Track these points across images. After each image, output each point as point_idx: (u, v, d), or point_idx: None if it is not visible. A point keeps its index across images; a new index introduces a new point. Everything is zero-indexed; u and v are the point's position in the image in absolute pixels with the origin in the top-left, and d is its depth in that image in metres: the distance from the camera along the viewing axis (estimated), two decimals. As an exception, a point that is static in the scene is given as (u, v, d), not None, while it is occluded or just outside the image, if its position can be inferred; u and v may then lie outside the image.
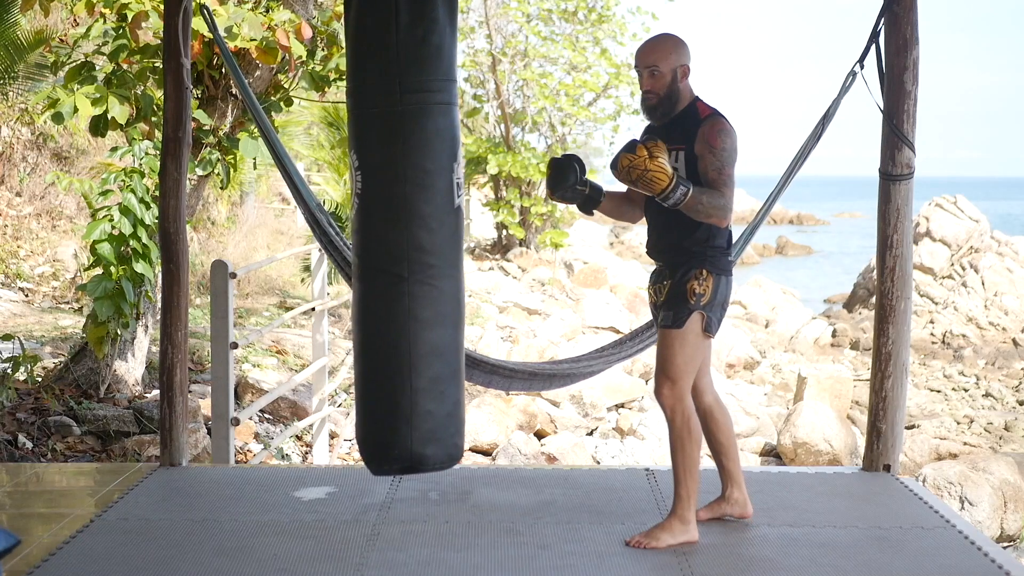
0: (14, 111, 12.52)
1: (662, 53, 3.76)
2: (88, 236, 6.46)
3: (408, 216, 3.22)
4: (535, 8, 20.34)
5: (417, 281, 3.22)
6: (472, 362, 5.07)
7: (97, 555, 3.72)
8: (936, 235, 21.76)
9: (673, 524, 3.78)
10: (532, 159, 19.99)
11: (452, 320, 3.29)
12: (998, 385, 15.53)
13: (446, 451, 3.31)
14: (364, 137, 3.29)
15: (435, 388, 3.25)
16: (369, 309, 3.29)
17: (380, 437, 3.29)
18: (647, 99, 3.78)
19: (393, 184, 3.24)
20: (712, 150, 3.68)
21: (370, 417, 3.31)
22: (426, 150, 3.24)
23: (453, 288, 3.29)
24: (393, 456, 3.28)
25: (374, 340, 3.28)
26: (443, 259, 3.26)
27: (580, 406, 9.86)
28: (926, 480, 8.18)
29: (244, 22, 6.14)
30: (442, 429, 3.28)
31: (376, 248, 3.27)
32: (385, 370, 3.27)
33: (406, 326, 3.22)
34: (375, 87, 3.24)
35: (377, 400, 3.29)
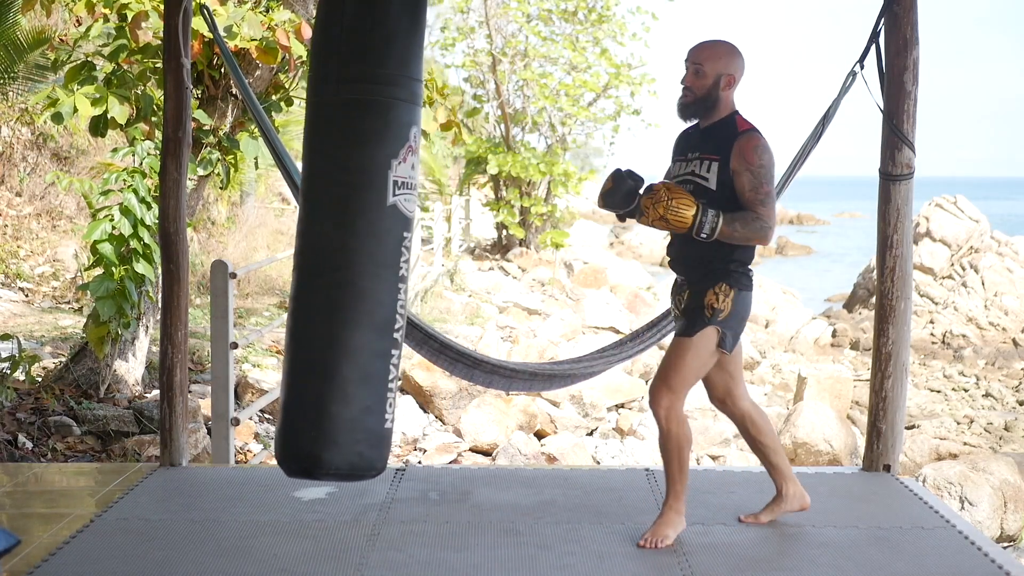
0: (14, 111, 12.52)
1: (712, 55, 3.71)
2: (89, 236, 6.47)
3: (333, 211, 3.16)
4: (535, 8, 20.34)
5: (336, 279, 3.15)
6: (473, 362, 5.07)
7: (97, 555, 3.72)
8: (936, 235, 21.76)
9: (672, 517, 3.82)
10: (532, 159, 20.00)
11: (372, 323, 3.16)
12: (998, 385, 15.54)
13: (346, 458, 3.15)
14: (306, 128, 3.27)
15: (340, 390, 3.13)
16: (295, 301, 3.23)
17: (286, 435, 3.20)
18: (683, 95, 3.74)
19: (323, 177, 3.19)
20: (749, 167, 3.63)
21: (283, 413, 3.22)
22: (357, 145, 3.16)
23: (378, 289, 3.17)
24: (292, 455, 3.19)
25: (295, 334, 3.21)
26: (367, 258, 3.15)
27: (580, 406, 9.86)
28: (926, 480, 8.18)
29: (244, 22, 6.14)
30: (343, 434, 3.13)
31: (305, 242, 3.22)
32: (300, 366, 3.20)
33: (323, 323, 3.15)
34: (319, 76, 3.21)
35: (290, 396, 3.21)
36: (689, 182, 3.74)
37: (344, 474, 3.17)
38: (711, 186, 3.68)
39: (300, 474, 3.20)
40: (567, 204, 21.60)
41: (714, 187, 3.68)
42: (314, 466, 3.15)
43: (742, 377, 3.97)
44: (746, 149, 3.64)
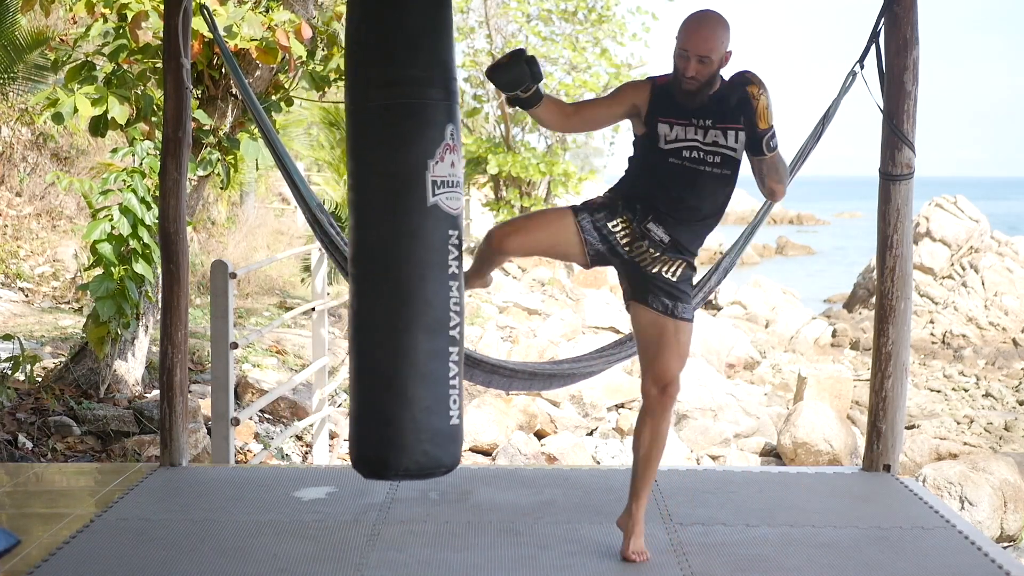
0: (14, 111, 12.52)
1: (716, 43, 3.56)
2: (88, 236, 6.46)
3: (375, 215, 3.20)
4: (535, 8, 20.35)
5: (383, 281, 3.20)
6: (472, 362, 5.06)
7: (97, 555, 3.72)
8: (936, 235, 21.76)
9: (641, 529, 3.71)
10: (532, 159, 20.00)
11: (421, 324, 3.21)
12: (998, 385, 15.54)
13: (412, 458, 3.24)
14: (347, 134, 3.30)
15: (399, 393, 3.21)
16: (352, 308, 3.28)
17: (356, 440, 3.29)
18: (688, 84, 3.59)
19: (362, 184, 3.23)
20: None
21: (354, 419, 3.29)
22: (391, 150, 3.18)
23: (423, 290, 3.20)
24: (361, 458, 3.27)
25: (357, 341, 3.27)
26: (413, 260, 3.20)
27: (580, 406, 9.86)
28: (926, 480, 8.18)
29: (244, 22, 6.14)
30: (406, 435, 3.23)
31: (352, 250, 3.27)
32: (362, 372, 3.25)
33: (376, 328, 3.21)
34: (350, 82, 3.24)
35: (356, 402, 3.27)
36: (716, 153, 3.61)
37: (413, 474, 3.25)
38: (738, 156, 3.62)
39: (373, 476, 3.30)
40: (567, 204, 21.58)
41: (739, 157, 3.63)
42: (383, 468, 3.24)
43: None
44: None
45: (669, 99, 3.68)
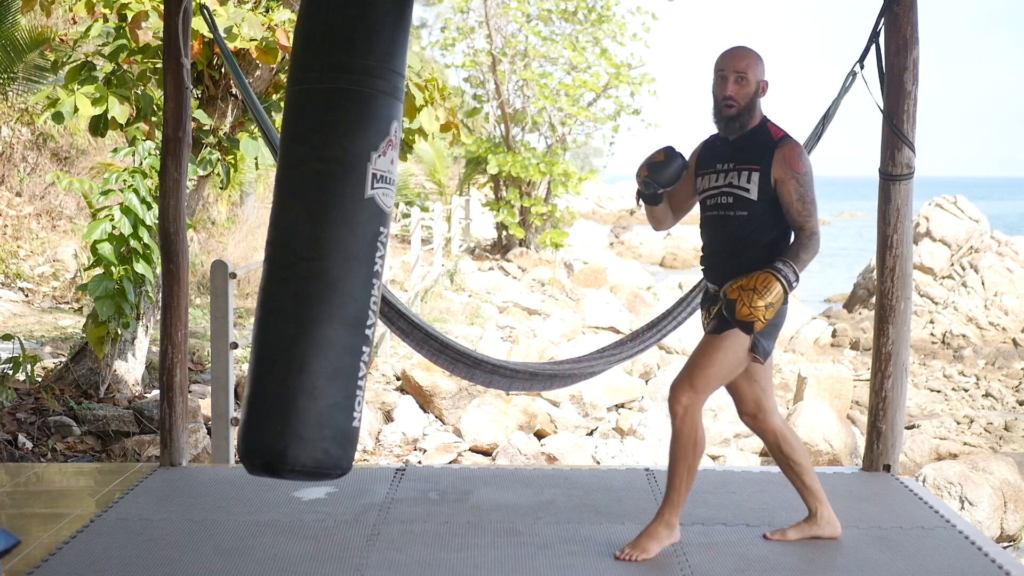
0: (14, 111, 12.53)
1: (752, 62, 3.64)
2: (88, 236, 6.47)
3: (305, 202, 3.09)
4: (535, 8, 20.34)
5: (304, 271, 3.07)
6: (473, 362, 5.07)
7: (97, 555, 3.72)
8: (936, 235, 21.76)
9: (659, 530, 3.70)
10: (532, 159, 20.00)
11: (342, 318, 3.07)
12: (998, 385, 15.54)
13: (311, 455, 3.04)
14: (284, 117, 3.20)
15: (307, 384, 3.03)
16: (263, 293, 3.14)
17: (250, 429, 3.08)
18: (728, 106, 3.63)
19: (297, 167, 3.12)
20: (795, 176, 3.59)
21: (247, 408, 3.12)
22: (336, 135, 3.08)
23: (349, 283, 3.08)
24: (255, 449, 3.06)
25: (262, 327, 3.12)
26: (340, 251, 3.08)
27: (580, 406, 9.86)
28: (926, 480, 8.19)
29: (244, 22, 6.14)
30: (309, 429, 3.03)
31: (275, 232, 3.15)
32: (265, 360, 3.09)
33: (290, 317, 3.06)
34: (300, 65, 3.16)
35: (254, 391, 3.10)
36: (727, 194, 3.67)
37: (308, 471, 3.06)
38: (752, 196, 3.62)
39: (263, 470, 3.08)
40: (567, 204, 21.61)
41: (755, 197, 3.62)
42: (278, 462, 3.03)
43: (773, 391, 3.83)
44: (790, 157, 3.61)
45: (708, 150, 3.80)
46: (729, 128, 3.68)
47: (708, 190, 3.74)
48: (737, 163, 3.66)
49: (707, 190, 3.74)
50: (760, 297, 3.48)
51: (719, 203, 3.69)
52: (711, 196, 3.72)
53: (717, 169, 3.71)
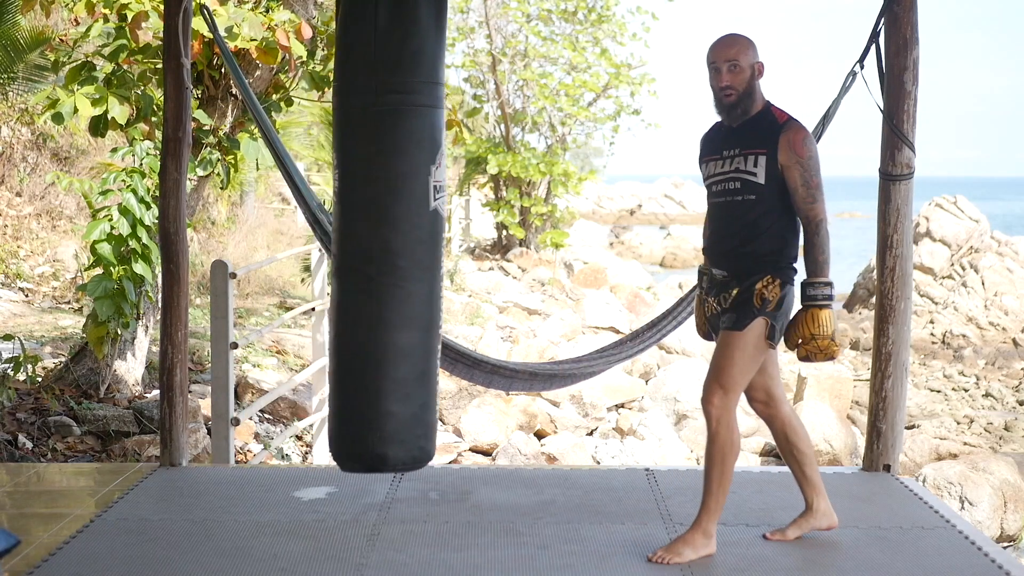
0: (14, 111, 12.52)
1: (742, 48, 3.65)
2: (88, 236, 6.46)
3: (378, 217, 3.23)
4: (535, 8, 20.34)
5: (385, 283, 3.24)
6: (472, 362, 5.07)
7: (97, 555, 3.72)
8: (936, 235, 21.76)
9: (696, 538, 3.66)
10: (532, 159, 20.00)
11: (421, 323, 3.28)
12: (998, 385, 15.53)
13: (409, 453, 3.30)
14: (342, 136, 3.32)
15: (400, 390, 3.25)
16: (340, 308, 3.31)
17: (346, 436, 3.31)
18: (726, 95, 3.65)
19: (366, 184, 3.26)
20: (800, 161, 3.58)
21: (338, 415, 3.33)
22: (401, 152, 3.24)
23: (424, 291, 3.28)
24: (355, 455, 3.30)
25: (343, 339, 3.31)
26: (413, 261, 3.25)
27: (580, 406, 9.86)
28: (926, 480, 8.19)
29: (244, 22, 6.14)
30: (406, 431, 3.27)
31: (348, 247, 3.28)
32: (352, 369, 3.28)
33: (374, 327, 3.24)
34: (354, 87, 3.27)
35: (344, 399, 3.31)
36: (735, 179, 3.66)
37: (406, 466, 3.32)
38: (760, 180, 3.62)
39: (365, 471, 3.35)
40: (567, 204, 21.61)
41: (763, 181, 3.62)
42: (380, 464, 3.28)
43: (780, 380, 3.83)
44: (795, 141, 3.60)
45: (713, 137, 3.80)
46: (732, 116, 3.68)
47: (715, 176, 3.73)
48: (743, 148, 3.65)
49: (714, 176, 3.74)
50: (822, 339, 3.56)
51: (727, 188, 3.68)
52: (718, 182, 3.72)
53: (723, 155, 3.71)
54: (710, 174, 3.76)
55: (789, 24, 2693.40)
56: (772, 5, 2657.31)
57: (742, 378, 3.63)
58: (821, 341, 3.56)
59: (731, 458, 3.62)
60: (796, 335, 3.59)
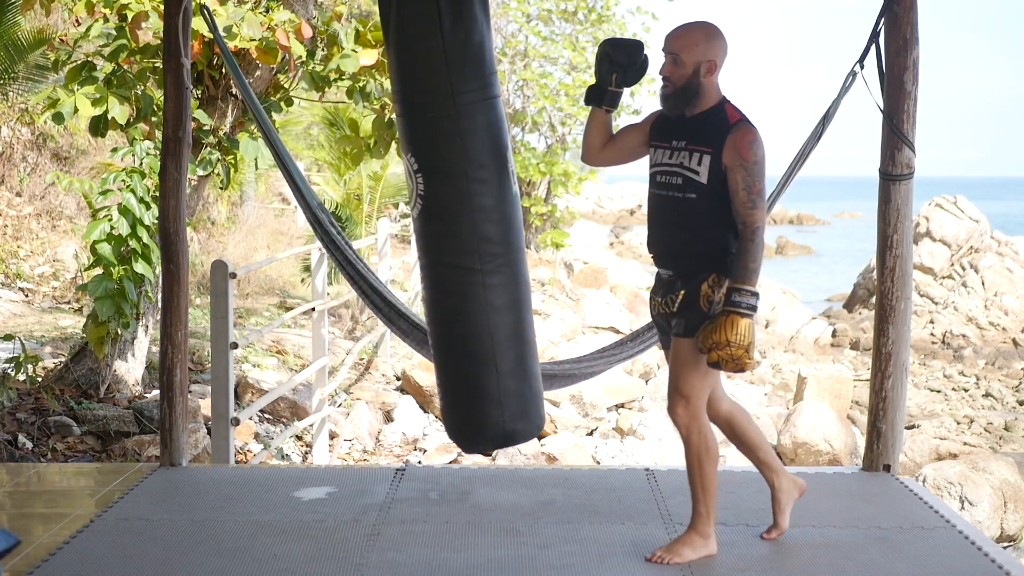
0: (14, 111, 12.52)
1: (688, 42, 3.54)
2: (88, 236, 6.46)
3: (472, 210, 3.36)
4: (535, 8, 20.34)
5: (489, 271, 3.40)
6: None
7: (97, 555, 3.72)
8: (936, 235, 21.76)
9: (693, 539, 3.65)
10: (532, 159, 20.00)
11: (524, 301, 3.48)
12: (998, 385, 15.54)
13: (535, 424, 3.57)
14: (422, 140, 3.40)
15: (519, 369, 3.47)
16: (445, 304, 3.46)
17: (472, 420, 3.52)
18: (663, 86, 3.58)
19: (456, 182, 3.37)
20: (744, 164, 3.46)
21: (460, 402, 3.53)
22: (483, 145, 3.36)
23: (521, 271, 3.47)
24: (487, 436, 3.53)
25: (454, 331, 3.46)
26: (509, 247, 3.42)
27: (580, 406, 9.86)
28: (926, 480, 8.19)
29: (244, 22, 6.14)
30: (530, 405, 3.52)
31: (446, 245, 3.41)
32: (469, 358, 3.45)
33: (485, 314, 3.41)
34: (428, 91, 3.35)
35: (465, 386, 3.50)
36: (677, 174, 3.56)
37: (531, 436, 3.63)
38: (702, 180, 3.52)
39: (494, 448, 3.64)
40: (567, 204, 21.61)
41: (705, 181, 3.51)
42: (512, 438, 3.58)
43: (719, 377, 3.76)
44: (741, 144, 3.48)
45: (666, 122, 3.68)
46: (666, 106, 3.59)
47: (660, 165, 3.62)
48: (690, 143, 3.55)
49: (659, 165, 3.63)
50: (736, 347, 3.43)
51: (669, 183, 3.58)
52: (662, 173, 3.61)
53: (672, 145, 3.60)
54: (656, 162, 3.64)
55: (789, 25, 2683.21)
56: (771, 5, 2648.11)
57: (703, 382, 3.58)
58: (735, 350, 3.43)
59: (708, 462, 3.59)
60: (711, 338, 3.45)
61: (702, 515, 3.65)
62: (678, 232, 3.59)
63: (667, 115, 3.66)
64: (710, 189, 3.52)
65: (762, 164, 3.51)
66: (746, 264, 3.47)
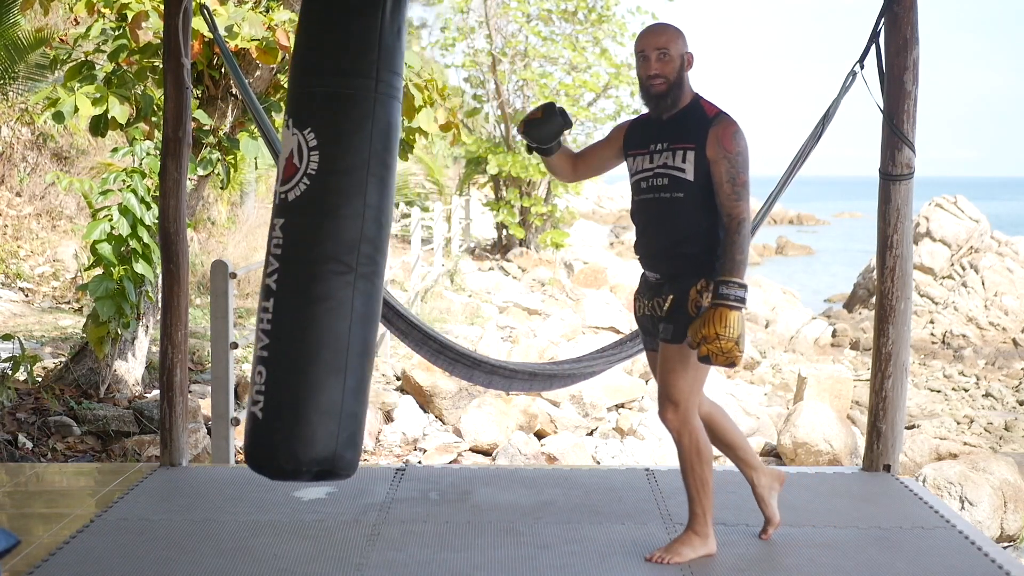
0: (14, 111, 12.53)
1: (672, 36, 3.57)
2: (88, 236, 6.47)
3: (364, 206, 3.10)
4: (535, 8, 20.35)
5: (363, 275, 3.08)
6: (472, 362, 5.07)
7: (97, 555, 3.72)
8: (936, 235, 21.77)
9: (692, 539, 3.66)
10: (532, 159, 20.00)
11: (376, 317, 3.16)
12: (998, 385, 15.54)
13: (356, 457, 3.12)
14: (329, 117, 3.13)
15: (360, 390, 3.09)
16: (313, 297, 3.06)
17: (301, 436, 3.02)
18: (655, 84, 3.55)
19: (357, 171, 3.11)
20: (727, 156, 3.47)
21: (291, 415, 3.04)
22: (387, 141, 3.15)
23: (380, 285, 3.18)
24: (312, 458, 3.03)
25: (308, 335, 3.04)
26: (382, 255, 3.15)
27: (580, 406, 9.86)
28: (926, 480, 8.18)
29: (244, 22, 6.14)
30: (359, 434, 3.11)
31: (326, 237, 3.08)
32: (322, 364, 3.04)
33: (347, 320, 3.05)
34: (353, 72, 3.13)
35: (307, 395, 3.03)
36: (662, 175, 3.56)
37: (350, 472, 3.16)
38: (688, 176, 3.52)
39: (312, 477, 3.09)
40: (567, 204, 21.62)
41: (692, 178, 3.51)
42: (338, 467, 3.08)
43: None
44: (723, 136, 3.49)
45: (638, 130, 3.71)
46: (660, 106, 3.58)
47: (641, 172, 3.63)
48: (671, 143, 3.55)
49: (640, 172, 3.63)
50: (726, 340, 3.39)
51: (654, 185, 3.58)
52: (645, 178, 3.61)
53: (651, 150, 3.60)
54: (637, 169, 3.65)
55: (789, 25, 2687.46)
56: (771, 5, 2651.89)
57: (693, 386, 3.58)
58: (725, 343, 3.39)
59: (700, 463, 3.60)
60: (701, 332, 3.42)
61: (698, 515, 3.66)
62: (666, 233, 3.59)
63: (642, 122, 3.70)
64: (697, 186, 3.53)
65: (745, 155, 3.52)
66: (733, 256, 3.47)
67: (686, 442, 3.59)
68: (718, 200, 3.51)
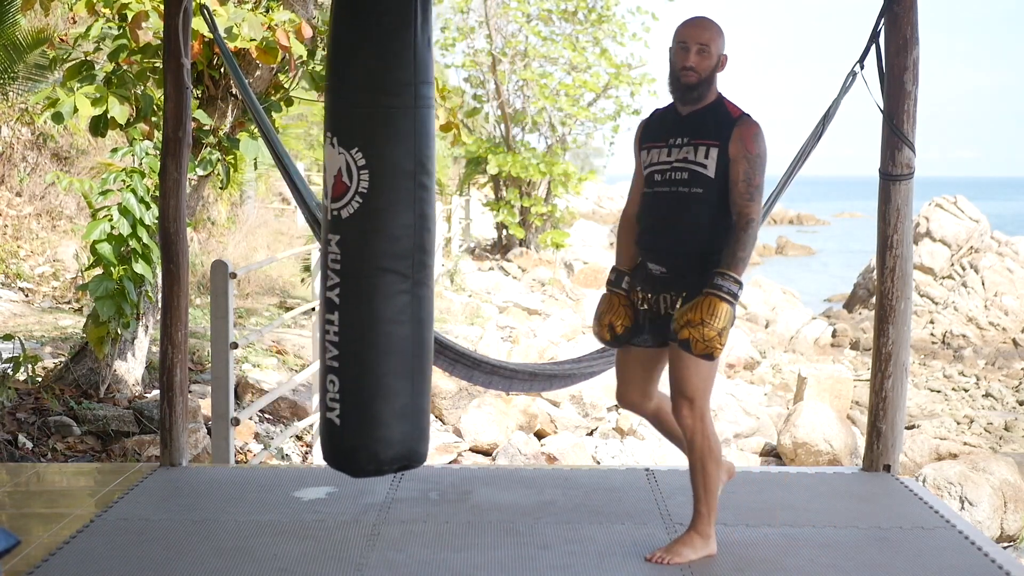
0: (14, 111, 12.52)
1: (715, 34, 3.57)
2: (88, 236, 6.46)
3: (416, 216, 3.24)
4: (535, 8, 20.36)
5: (418, 281, 3.25)
6: (472, 363, 5.07)
7: (97, 555, 3.72)
8: (936, 235, 21.77)
9: (694, 539, 3.65)
10: (532, 159, 20.01)
11: (432, 320, 3.37)
12: (998, 385, 15.54)
13: (427, 447, 3.38)
14: (376, 134, 3.23)
15: (425, 388, 3.32)
16: (376, 307, 3.23)
17: (380, 439, 3.27)
18: (687, 75, 3.55)
19: (405, 185, 3.24)
20: (748, 156, 3.49)
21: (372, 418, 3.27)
22: (429, 150, 3.27)
23: (433, 287, 3.36)
24: (392, 457, 3.28)
25: (382, 338, 3.23)
26: (432, 258, 3.32)
27: (580, 406, 9.86)
28: (926, 480, 8.19)
29: (244, 22, 6.14)
30: (428, 427, 3.37)
31: (387, 246, 3.23)
32: (391, 370, 3.24)
33: (409, 326, 3.25)
34: (396, 86, 3.22)
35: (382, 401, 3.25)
36: (682, 169, 3.57)
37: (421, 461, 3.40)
38: (709, 173, 3.53)
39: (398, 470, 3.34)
40: (567, 204, 21.63)
41: (712, 175, 3.53)
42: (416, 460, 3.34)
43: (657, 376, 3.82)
44: (746, 136, 3.51)
45: (655, 124, 3.72)
46: (686, 98, 3.59)
47: (658, 164, 3.62)
48: (693, 138, 3.56)
49: (656, 164, 3.63)
50: (710, 328, 3.42)
51: (672, 179, 3.58)
52: (662, 171, 3.61)
53: (670, 143, 3.60)
54: (652, 162, 3.64)
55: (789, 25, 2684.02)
56: (771, 5, 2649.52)
57: (705, 384, 3.58)
58: (708, 330, 3.42)
59: (711, 463, 3.60)
60: (687, 316, 3.45)
61: (703, 515, 3.65)
62: (678, 228, 3.58)
63: (658, 116, 3.71)
64: (717, 183, 3.54)
65: (764, 159, 3.55)
66: (735, 252, 3.49)
67: (699, 440, 3.59)
68: (731, 197, 3.53)
